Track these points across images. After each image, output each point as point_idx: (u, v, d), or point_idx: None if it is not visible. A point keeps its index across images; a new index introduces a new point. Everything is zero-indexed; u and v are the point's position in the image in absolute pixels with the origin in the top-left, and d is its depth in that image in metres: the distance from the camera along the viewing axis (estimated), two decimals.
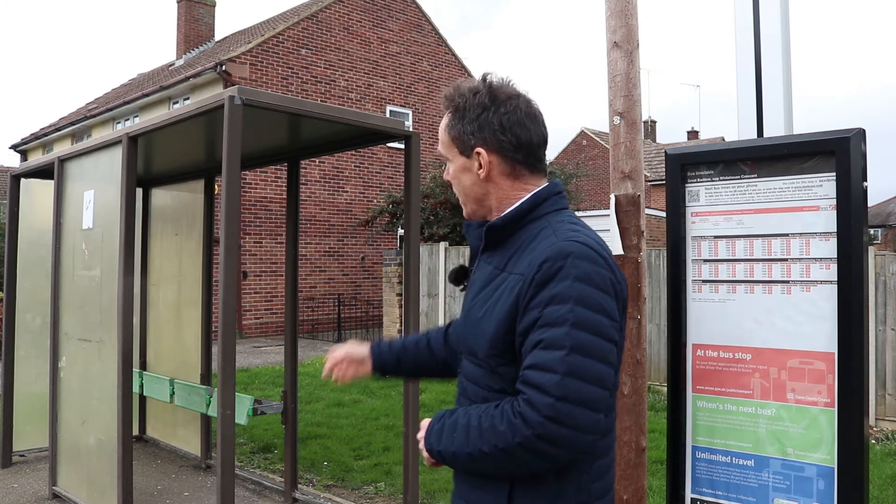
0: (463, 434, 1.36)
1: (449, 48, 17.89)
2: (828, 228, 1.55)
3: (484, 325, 1.41)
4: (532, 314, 1.31)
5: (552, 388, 1.25)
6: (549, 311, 1.29)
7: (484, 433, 1.32)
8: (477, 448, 1.33)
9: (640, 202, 2.05)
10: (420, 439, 1.47)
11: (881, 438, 5.90)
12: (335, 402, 7.42)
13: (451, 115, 1.51)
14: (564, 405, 1.24)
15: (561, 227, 1.41)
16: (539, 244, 1.38)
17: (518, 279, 1.36)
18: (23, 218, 5.47)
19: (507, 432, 1.28)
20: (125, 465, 3.81)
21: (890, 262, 6.22)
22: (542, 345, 1.28)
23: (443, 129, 1.53)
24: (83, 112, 19.17)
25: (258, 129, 3.83)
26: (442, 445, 1.40)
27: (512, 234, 1.46)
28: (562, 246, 1.33)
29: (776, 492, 1.59)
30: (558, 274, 1.30)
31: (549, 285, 1.30)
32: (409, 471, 3.78)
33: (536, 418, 1.25)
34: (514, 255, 1.43)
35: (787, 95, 1.87)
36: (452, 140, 1.51)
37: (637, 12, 2.08)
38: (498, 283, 1.42)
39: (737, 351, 1.65)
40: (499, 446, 1.29)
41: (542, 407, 1.25)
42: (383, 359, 1.82)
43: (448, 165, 1.56)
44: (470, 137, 1.48)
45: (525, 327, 1.32)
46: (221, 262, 3.17)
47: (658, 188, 24.45)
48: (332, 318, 14.75)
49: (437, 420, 1.45)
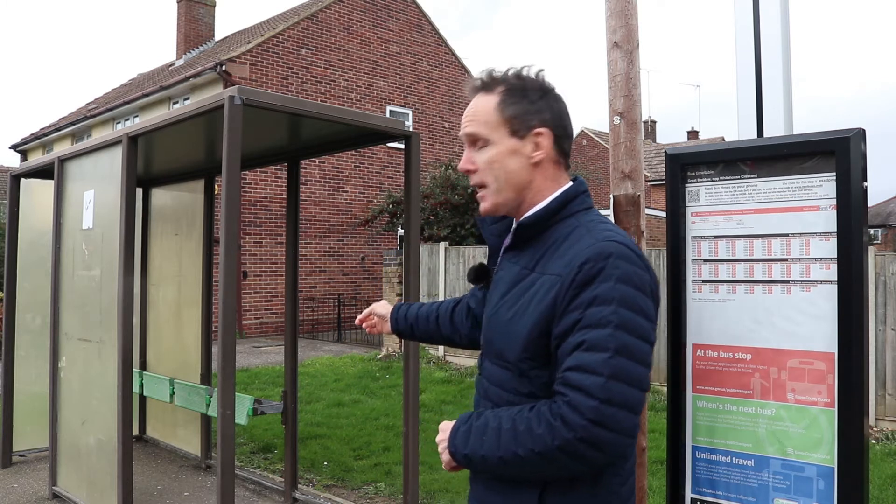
0: (494, 437, 1.32)
1: (449, 48, 17.89)
2: (828, 228, 1.55)
3: (515, 327, 1.37)
4: (572, 316, 1.28)
5: (597, 391, 1.21)
6: (591, 313, 1.26)
7: (519, 436, 1.28)
8: (510, 451, 1.28)
9: (640, 202, 2.05)
10: (441, 442, 1.42)
11: (881, 438, 5.90)
12: (335, 402, 7.42)
13: (506, 93, 1.43)
14: (609, 408, 1.21)
15: (594, 226, 1.37)
16: (574, 244, 1.34)
17: (554, 280, 1.32)
18: (23, 218, 5.46)
19: (545, 435, 1.24)
20: (125, 465, 3.81)
21: (890, 262, 6.22)
22: (584, 346, 1.25)
23: (491, 107, 1.43)
24: (83, 112, 19.17)
25: (258, 129, 3.83)
26: (469, 448, 1.35)
27: (541, 232, 1.43)
28: (602, 246, 1.30)
29: (776, 492, 1.59)
30: (600, 275, 1.27)
31: (591, 286, 1.27)
32: (409, 471, 3.78)
33: (579, 421, 1.22)
34: (545, 254, 1.39)
35: (787, 95, 1.87)
36: (506, 119, 1.42)
37: (637, 12, 2.08)
38: (528, 284, 1.38)
39: (737, 351, 1.65)
40: (535, 450, 1.25)
41: (586, 410, 1.21)
42: (399, 324, 1.93)
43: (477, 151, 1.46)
44: (532, 117, 1.42)
45: (564, 329, 1.29)
46: (221, 262, 3.17)
47: (658, 188, 24.45)
48: (332, 318, 14.75)
49: (462, 422, 1.40)
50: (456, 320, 1.85)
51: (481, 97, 1.46)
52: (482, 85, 1.47)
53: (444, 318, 1.86)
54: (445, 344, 1.91)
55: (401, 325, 1.93)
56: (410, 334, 1.93)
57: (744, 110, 1.90)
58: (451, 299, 1.90)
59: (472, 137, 1.45)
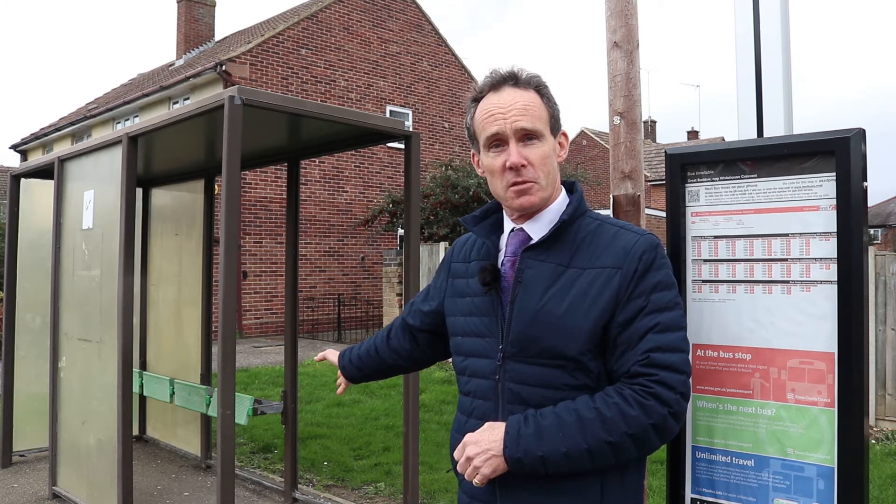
0: (576, 429, 1.32)
1: (449, 48, 17.89)
2: (828, 228, 1.54)
3: (573, 321, 1.38)
4: (637, 302, 1.37)
5: (684, 366, 1.34)
6: (656, 298, 1.37)
7: (608, 422, 1.31)
8: (599, 440, 1.31)
9: (640, 202, 2.05)
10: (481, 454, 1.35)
11: (881, 438, 5.90)
12: (335, 402, 7.42)
13: (544, 93, 1.48)
14: (689, 381, 1.36)
15: (618, 221, 1.50)
16: (615, 238, 1.43)
17: (611, 272, 1.39)
18: (23, 218, 5.47)
19: (640, 416, 1.31)
20: (125, 465, 3.81)
21: (890, 262, 6.22)
22: (658, 328, 1.34)
23: (540, 103, 1.46)
24: (83, 112, 19.17)
25: (258, 129, 3.83)
26: (546, 448, 1.31)
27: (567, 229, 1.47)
28: (649, 238, 1.43)
29: (776, 492, 1.59)
30: (654, 263, 1.39)
31: (649, 274, 1.38)
32: (409, 471, 3.78)
33: (672, 396, 1.31)
34: (578, 250, 1.44)
35: (787, 95, 1.87)
36: (550, 117, 1.48)
37: (637, 12, 2.08)
38: (571, 279, 1.41)
39: (737, 351, 1.65)
40: (629, 432, 1.31)
41: (678, 384, 1.32)
42: (347, 371, 1.95)
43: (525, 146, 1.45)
44: (558, 120, 1.52)
45: (628, 317, 1.36)
46: (221, 262, 3.17)
47: (658, 188, 24.45)
48: (332, 318, 14.75)
49: (521, 425, 1.35)
50: (393, 345, 1.86)
51: (518, 92, 1.46)
52: (513, 79, 1.47)
53: (383, 347, 1.88)
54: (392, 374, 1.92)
55: (348, 371, 1.94)
56: (361, 376, 1.93)
57: (744, 110, 1.90)
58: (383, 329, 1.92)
59: (526, 132, 1.45)
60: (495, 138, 1.46)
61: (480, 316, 1.51)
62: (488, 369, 1.48)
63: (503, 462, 1.34)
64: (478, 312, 1.52)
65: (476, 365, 1.51)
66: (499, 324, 1.47)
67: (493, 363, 1.47)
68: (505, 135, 1.44)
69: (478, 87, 1.51)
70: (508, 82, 1.46)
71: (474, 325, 1.52)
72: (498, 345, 1.46)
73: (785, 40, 1.85)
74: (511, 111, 1.43)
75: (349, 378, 1.96)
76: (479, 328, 1.51)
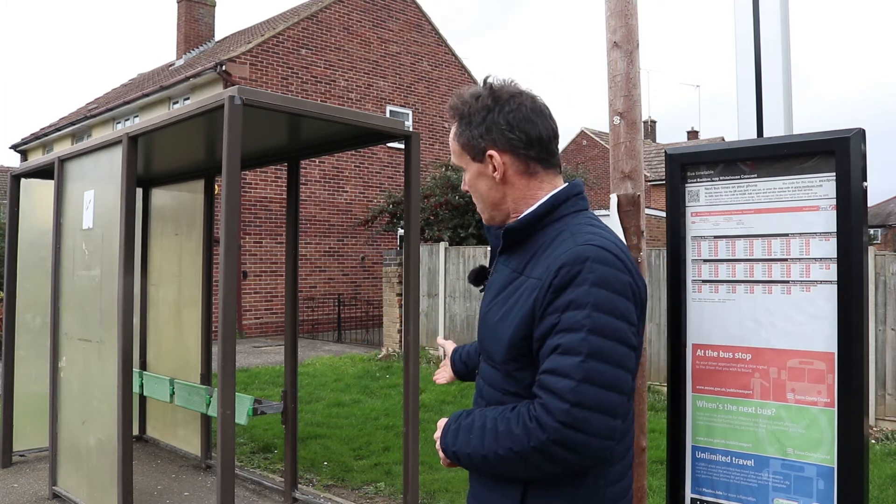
0: (478, 436, 1.37)
1: (449, 48, 17.90)
2: (828, 228, 1.54)
3: (501, 329, 1.41)
4: (550, 319, 1.31)
5: (567, 394, 1.25)
6: (566, 317, 1.28)
7: (499, 436, 1.32)
8: (492, 450, 1.33)
9: (640, 202, 2.05)
10: (436, 439, 1.49)
11: (881, 438, 5.90)
12: (335, 402, 7.42)
13: (458, 123, 1.51)
14: (580, 411, 1.24)
15: (579, 229, 1.39)
16: (557, 248, 1.37)
17: (535, 283, 1.35)
18: (23, 218, 5.46)
19: (522, 436, 1.28)
20: (125, 465, 3.81)
21: (890, 262, 6.22)
22: (559, 350, 1.28)
23: (452, 138, 1.54)
24: (83, 112, 19.17)
25: (258, 129, 3.83)
26: (457, 446, 1.41)
27: (530, 235, 1.45)
28: (579, 250, 1.32)
29: (776, 492, 1.59)
30: (576, 279, 1.29)
31: (567, 290, 1.29)
32: (409, 471, 3.78)
33: (552, 423, 1.25)
34: (533, 258, 1.42)
35: (787, 95, 1.87)
36: (462, 147, 1.51)
37: (637, 12, 2.08)
38: (516, 287, 1.42)
39: (737, 351, 1.65)
40: (514, 449, 1.30)
41: (557, 412, 1.25)
42: (457, 366, 1.93)
43: (464, 175, 1.55)
44: (479, 141, 1.47)
45: (542, 332, 1.32)
46: (221, 262, 3.17)
47: (658, 188, 24.44)
48: (332, 318, 14.75)
49: (453, 420, 1.46)
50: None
51: (452, 127, 1.55)
52: (450, 115, 1.55)
53: None
54: None
55: (457, 366, 1.93)
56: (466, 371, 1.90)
57: (744, 110, 1.90)
58: None
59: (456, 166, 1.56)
60: None
61: None
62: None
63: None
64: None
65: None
66: None
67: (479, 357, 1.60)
68: None
69: None
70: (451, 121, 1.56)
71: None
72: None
73: (785, 40, 1.85)
74: None
75: (456, 373, 1.93)
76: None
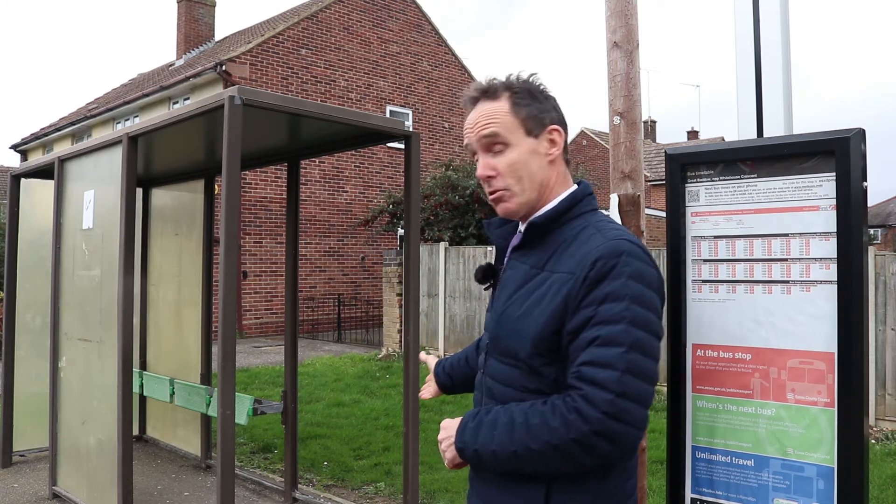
0: (506, 431, 1.33)
1: (449, 48, 17.90)
2: (828, 228, 1.54)
3: (526, 324, 1.39)
4: (585, 312, 1.31)
5: (612, 384, 1.25)
6: (604, 309, 1.29)
7: (532, 429, 1.30)
8: (523, 445, 1.31)
9: (640, 202, 2.05)
10: (446, 439, 1.44)
11: (881, 438, 5.90)
12: (335, 402, 7.42)
13: (514, 96, 1.46)
14: (623, 401, 1.24)
15: (604, 226, 1.41)
16: (585, 243, 1.37)
17: (566, 278, 1.35)
18: (23, 218, 5.47)
19: (560, 428, 1.27)
20: (125, 465, 3.81)
21: (890, 262, 6.22)
22: (598, 342, 1.28)
23: (505, 110, 1.45)
24: (83, 112, 19.17)
25: (258, 129, 3.83)
26: (479, 444, 1.36)
27: (550, 232, 1.45)
28: (613, 244, 1.33)
29: (776, 492, 1.59)
30: (612, 272, 1.30)
31: (603, 283, 1.30)
32: (409, 471, 3.78)
33: (595, 414, 1.25)
34: (555, 253, 1.41)
35: (787, 95, 1.87)
36: (522, 120, 1.45)
37: (637, 12, 2.08)
38: (539, 283, 1.40)
39: (737, 351, 1.65)
40: (551, 443, 1.28)
41: (602, 403, 1.25)
42: (440, 378, 1.91)
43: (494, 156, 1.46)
44: (545, 115, 1.46)
45: (576, 325, 1.32)
46: (221, 262, 3.17)
47: (658, 188, 24.45)
48: (332, 318, 14.75)
49: (470, 418, 1.41)
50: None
51: (487, 104, 1.47)
52: (484, 93, 1.48)
53: (472, 356, 1.84)
54: None
55: (441, 378, 1.90)
56: (451, 384, 1.89)
57: (744, 110, 1.90)
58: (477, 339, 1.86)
59: (490, 140, 1.45)
60: (472, 150, 1.52)
61: (489, 312, 1.59)
62: (480, 362, 1.59)
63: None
64: (489, 309, 1.60)
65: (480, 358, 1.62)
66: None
67: (483, 356, 1.57)
68: (474, 147, 1.49)
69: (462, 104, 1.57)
70: (483, 96, 1.49)
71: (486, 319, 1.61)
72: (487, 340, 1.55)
73: (785, 40, 1.85)
74: (476, 124, 1.48)
75: (441, 386, 1.90)
76: (486, 323, 1.60)
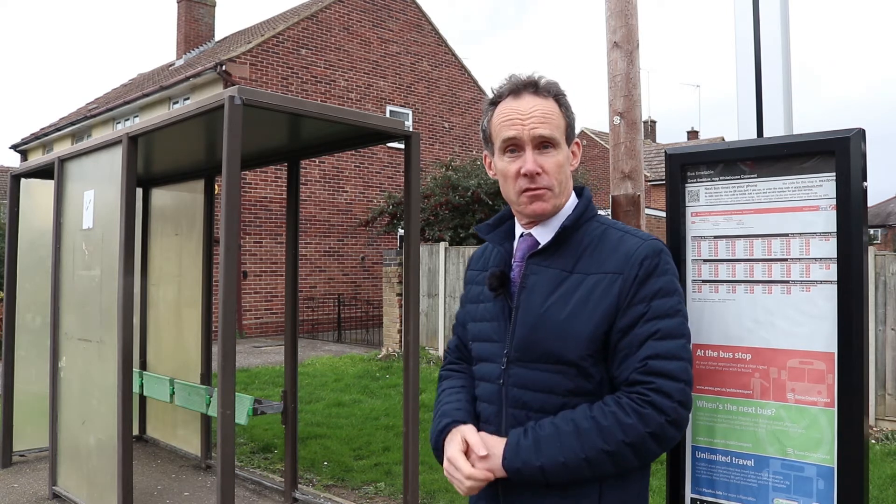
0: (574, 439, 1.33)
1: (449, 48, 17.90)
2: (828, 228, 1.54)
3: (575, 325, 1.38)
4: (637, 309, 1.36)
5: (682, 374, 1.33)
6: (657, 304, 1.36)
7: (604, 431, 1.31)
8: (596, 449, 1.32)
9: (640, 202, 2.05)
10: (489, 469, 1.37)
11: (881, 438, 5.90)
12: (335, 402, 7.42)
13: (561, 100, 1.49)
14: (688, 389, 1.34)
15: (622, 226, 1.49)
16: (620, 243, 1.43)
17: (612, 278, 1.39)
18: (23, 218, 5.47)
19: (636, 424, 1.31)
20: (125, 465, 3.81)
21: (890, 262, 6.22)
22: (658, 335, 1.34)
23: (558, 112, 1.47)
24: (83, 112, 19.17)
25: (258, 129, 3.83)
26: (544, 458, 1.34)
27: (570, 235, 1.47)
28: (653, 244, 1.42)
29: (776, 492, 1.59)
30: (657, 269, 1.38)
31: (650, 280, 1.37)
32: (409, 471, 3.78)
33: (669, 404, 1.31)
34: (583, 255, 1.44)
35: (787, 95, 1.87)
36: (567, 126, 1.49)
37: (637, 12, 2.08)
38: (574, 285, 1.41)
39: (737, 351, 1.65)
40: (626, 441, 1.31)
41: (675, 392, 1.32)
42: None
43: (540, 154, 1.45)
44: (574, 126, 1.52)
45: (629, 322, 1.36)
46: (221, 262, 3.17)
47: (658, 188, 24.44)
48: (332, 318, 14.75)
49: (522, 436, 1.37)
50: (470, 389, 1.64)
51: (538, 100, 1.46)
52: (535, 87, 1.47)
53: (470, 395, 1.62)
54: None
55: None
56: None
57: (744, 110, 1.90)
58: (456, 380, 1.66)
59: (544, 140, 1.45)
60: (511, 143, 1.47)
61: (491, 321, 1.53)
62: (494, 373, 1.50)
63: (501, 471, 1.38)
64: (489, 317, 1.54)
65: (484, 369, 1.54)
66: (506, 328, 1.49)
67: (498, 367, 1.49)
68: (522, 141, 1.45)
69: (497, 91, 1.51)
70: (529, 89, 1.47)
71: (485, 329, 1.54)
72: (503, 349, 1.48)
73: (785, 40, 1.85)
74: (530, 118, 1.44)
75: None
76: (489, 333, 1.53)
